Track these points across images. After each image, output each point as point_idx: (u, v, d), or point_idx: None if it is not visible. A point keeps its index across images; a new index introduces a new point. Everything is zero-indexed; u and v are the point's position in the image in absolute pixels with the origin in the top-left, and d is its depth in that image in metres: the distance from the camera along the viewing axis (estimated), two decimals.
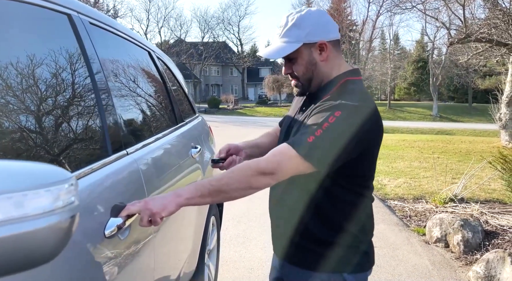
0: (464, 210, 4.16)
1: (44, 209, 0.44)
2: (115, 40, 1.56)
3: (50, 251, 0.47)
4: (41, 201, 0.44)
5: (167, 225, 1.46)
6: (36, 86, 0.95)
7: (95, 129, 1.15)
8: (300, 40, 1.14)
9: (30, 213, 0.43)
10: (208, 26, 46.46)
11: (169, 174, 1.58)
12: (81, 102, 1.14)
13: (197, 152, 2.07)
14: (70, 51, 1.13)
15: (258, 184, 1.06)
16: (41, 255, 0.46)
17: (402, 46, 44.32)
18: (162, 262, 1.42)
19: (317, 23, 1.15)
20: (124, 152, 1.25)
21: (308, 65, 1.16)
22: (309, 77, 1.18)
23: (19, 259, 0.43)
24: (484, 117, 28.56)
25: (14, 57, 0.89)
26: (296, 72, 1.18)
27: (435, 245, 3.54)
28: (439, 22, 9.61)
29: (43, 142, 0.91)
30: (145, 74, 1.84)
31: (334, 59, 1.19)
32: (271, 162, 1.05)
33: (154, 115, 1.81)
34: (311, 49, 1.15)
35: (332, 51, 1.17)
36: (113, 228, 0.97)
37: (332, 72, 1.19)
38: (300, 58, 1.16)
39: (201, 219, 2.10)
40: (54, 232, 0.45)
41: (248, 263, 3.08)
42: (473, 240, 3.31)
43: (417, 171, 6.89)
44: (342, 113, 1.05)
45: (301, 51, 1.15)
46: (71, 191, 0.48)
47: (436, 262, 3.18)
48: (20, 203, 0.42)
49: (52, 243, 0.46)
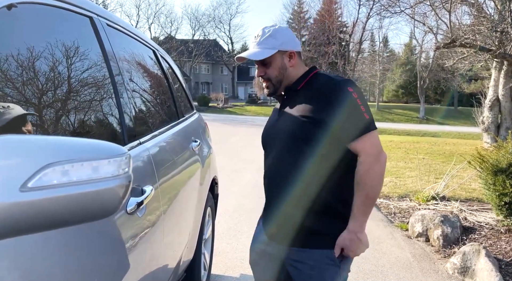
0: (445, 208, 4.38)
1: (112, 174, 0.58)
2: (127, 40, 1.69)
3: (115, 205, 0.61)
4: (109, 168, 0.59)
5: (173, 210, 1.60)
6: (75, 81, 1.08)
7: (114, 120, 1.29)
8: (275, 47, 1.41)
9: (103, 176, 0.57)
10: (199, 23, 46.46)
11: (175, 163, 1.72)
12: (102, 97, 1.28)
13: (197, 145, 2.22)
14: (94, 50, 1.27)
15: (383, 168, 1.35)
16: (110, 208, 0.61)
17: (391, 49, 45.03)
18: (169, 242, 1.56)
19: (288, 36, 1.45)
20: (137, 142, 1.39)
21: (280, 69, 1.44)
22: (280, 79, 1.45)
23: (96, 209, 0.57)
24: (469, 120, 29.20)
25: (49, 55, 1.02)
26: (269, 75, 1.44)
27: (416, 239, 3.74)
28: (427, 27, 9.91)
29: (98, 127, 1.05)
30: (153, 72, 1.98)
31: (299, 65, 1.47)
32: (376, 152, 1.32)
33: (160, 110, 1.95)
34: (283, 56, 1.44)
35: (298, 59, 1.47)
36: (134, 205, 1.11)
37: (297, 72, 1.46)
38: (274, 63, 1.43)
39: (200, 209, 2.24)
40: (118, 191, 0.60)
41: (240, 254, 3.23)
42: (452, 235, 3.53)
43: (402, 171, 7.14)
44: (352, 87, 1.33)
45: (275, 57, 1.42)
46: (127, 162, 0.63)
47: (417, 254, 3.39)
48: (96, 168, 0.56)
49: (117, 199, 0.60)
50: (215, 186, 2.82)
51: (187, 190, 1.89)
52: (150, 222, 1.28)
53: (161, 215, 1.40)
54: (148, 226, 1.26)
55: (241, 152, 9.15)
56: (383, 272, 3.01)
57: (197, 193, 2.12)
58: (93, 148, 0.59)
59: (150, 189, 1.28)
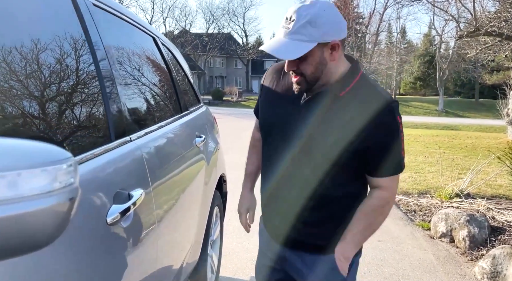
0: (470, 206, 4.11)
1: (40, 190, 0.41)
2: (119, 24, 1.51)
3: (48, 235, 0.44)
4: (37, 181, 0.41)
5: (171, 215, 1.43)
6: (39, 71, 0.91)
7: (97, 114, 1.12)
8: (315, 39, 1.07)
9: (25, 194, 0.40)
10: (213, 17, 46.28)
11: (173, 161, 1.55)
12: (81, 87, 1.10)
13: (201, 141, 2.04)
14: (73, 35, 1.10)
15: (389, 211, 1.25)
16: (38, 239, 0.43)
17: (408, 40, 43.90)
18: (164, 251, 1.39)
19: (332, 22, 1.09)
20: (127, 139, 1.22)
21: (319, 65, 1.11)
22: (317, 76, 1.13)
23: (13, 243, 0.40)
24: (491, 113, 28.30)
25: (16, 40, 0.85)
26: (304, 71, 1.12)
27: (440, 240, 3.50)
28: (449, 15, 9.45)
29: (45, 126, 0.88)
30: (150, 60, 1.80)
31: (341, 56, 1.16)
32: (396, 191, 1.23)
33: (158, 103, 1.77)
34: (323, 49, 1.10)
35: (341, 50, 1.14)
36: (116, 215, 0.94)
37: (339, 68, 1.16)
38: (311, 58, 1.10)
39: (205, 209, 2.07)
40: (52, 214, 0.42)
41: (250, 255, 3.06)
42: (479, 236, 3.27)
43: (422, 166, 6.83)
44: (400, 116, 1.14)
45: (313, 51, 1.08)
46: (70, 171, 0.45)
47: (441, 257, 3.15)
48: (14, 183, 0.39)
49: (49, 226, 0.43)
50: (223, 184, 2.65)
51: (189, 190, 1.72)
52: (138, 231, 1.11)
53: (154, 221, 1.23)
54: (136, 236, 1.09)
55: None
56: (404, 276, 2.80)
57: (201, 193, 1.95)
58: (15, 150, 0.41)
59: (140, 193, 1.11)
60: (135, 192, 1.09)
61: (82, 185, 0.88)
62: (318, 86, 1.15)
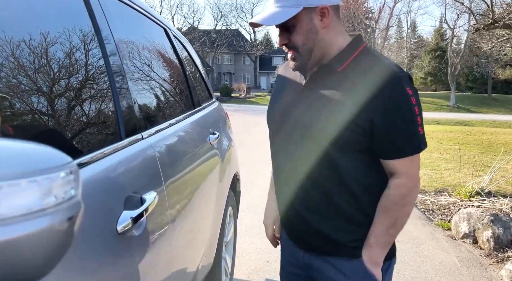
0: (492, 205, 3.94)
1: (28, 209, 0.30)
2: (129, 14, 1.41)
3: (41, 265, 0.33)
4: (24, 196, 0.30)
5: (185, 218, 1.33)
6: (46, 66, 0.81)
7: (107, 110, 1.01)
8: (299, 4, 0.99)
9: (7, 215, 0.29)
10: (221, 13, 46.22)
11: (188, 160, 1.44)
12: (90, 82, 1.00)
13: (215, 139, 1.93)
14: (82, 27, 0.99)
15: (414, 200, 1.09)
16: (29, 271, 0.32)
17: (419, 35, 43.20)
18: (180, 255, 1.29)
19: None
20: (138, 136, 1.11)
21: (309, 34, 1.02)
22: (309, 48, 1.03)
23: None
24: (504, 108, 27.73)
25: (18, 33, 0.75)
26: (295, 42, 1.03)
27: (462, 241, 3.35)
28: (464, 7, 9.18)
29: (47, 124, 0.78)
30: (161, 52, 1.69)
31: (336, 26, 1.06)
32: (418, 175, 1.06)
33: (171, 98, 1.67)
34: (312, 15, 1.01)
35: (333, 17, 1.04)
36: (127, 222, 0.83)
37: (336, 41, 1.05)
38: (299, 26, 1.01)
39: (219, 210, 1.97)
40: (45, 239, 0.31)
41: (264, 256, 2.95)
42: (504, 237, 3.12)
43: (437, 162, 6.64)
44: (411, 87, 0.98)
45: (300, 18, 1.00)
46: (69, 181, 0.34)
47: (464, 259, 3.01)
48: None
49: (42, 254, 0.32)
50: (236, 183, 2.53)
51: (204, 190, 1.61)
52: (152, 237, 1.00)
53: (168, 225, 1.13)
54: (150, 243, 0.98)
55: (264, 143, 8.85)
56: (427, 279, 2.67)
57: (215, 193, 1.84)
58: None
59: (153, 196, 1.00)
60: (148, 195, 0.98)
61: (89, 189, 0.78)
62: (314, 62, 1.06)
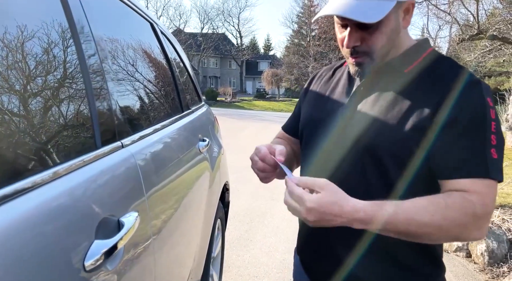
0: None
1: None
2: (110, 4, 1.23)
3: None
4: None
5: (170, 238, 1.15)
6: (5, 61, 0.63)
7: (80, 115, 0.83)
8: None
9: None
10: (208, 17, 45.84)
11: (175, 174, 1.27)
12: (61, 84, 0.82)
13: (205, 146, 1.76)
14: (54, 17, 0.81)
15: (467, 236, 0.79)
16: None
17: None
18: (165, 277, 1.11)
19: None
20: (118, 144, 0.94)
21: (392, 34, 0.82)
22: (387, 50, 0.84)
23: None
24: None
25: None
26: (373, 44, 0.82)
27: (455, 254, 3.26)
28: (451, 17, 9.28)
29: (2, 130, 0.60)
30: (146, 50, 1.51)
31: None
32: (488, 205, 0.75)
33: (156, 101, 1.49)
34: (398, 12, 0.81)
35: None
36: (98, 256, 0.66)
37: (405, 42, 0.88)
38: (385, 24, 0.80)
39: (208, 225, 1.79)
40: None
41: (252, 270, 2.78)
42: (498, 251, 3.04)
43: None
44: (490, 99, 0.79)
45: (388, 15, 0.79)
46: None
47: (459, 274, 2.91)
48: None
49: None
50: (225, 193, 2.36)
51: (192, 206, 1.44)
52: (130, 270, 0.82)
53: (151, 251, 0.95)
54: (128, 276, 0.81)
55: (250, 148, 8.66)
56: None
57: (204, 207, 1.67)
58: None
59: (134, 218, 0.83)
60: (127, 217, 0.81)
61: (50, 215, 0.61)
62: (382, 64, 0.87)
